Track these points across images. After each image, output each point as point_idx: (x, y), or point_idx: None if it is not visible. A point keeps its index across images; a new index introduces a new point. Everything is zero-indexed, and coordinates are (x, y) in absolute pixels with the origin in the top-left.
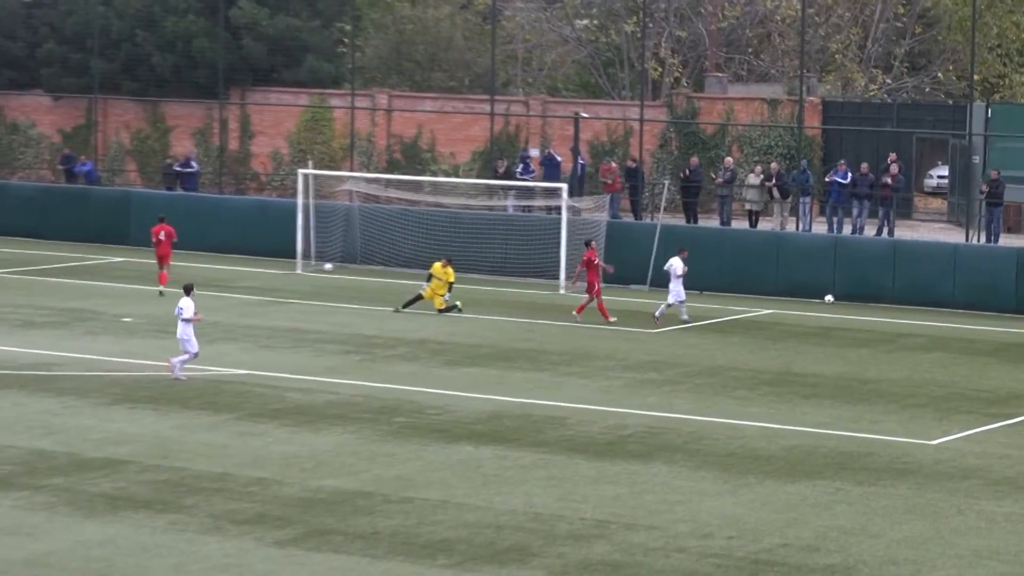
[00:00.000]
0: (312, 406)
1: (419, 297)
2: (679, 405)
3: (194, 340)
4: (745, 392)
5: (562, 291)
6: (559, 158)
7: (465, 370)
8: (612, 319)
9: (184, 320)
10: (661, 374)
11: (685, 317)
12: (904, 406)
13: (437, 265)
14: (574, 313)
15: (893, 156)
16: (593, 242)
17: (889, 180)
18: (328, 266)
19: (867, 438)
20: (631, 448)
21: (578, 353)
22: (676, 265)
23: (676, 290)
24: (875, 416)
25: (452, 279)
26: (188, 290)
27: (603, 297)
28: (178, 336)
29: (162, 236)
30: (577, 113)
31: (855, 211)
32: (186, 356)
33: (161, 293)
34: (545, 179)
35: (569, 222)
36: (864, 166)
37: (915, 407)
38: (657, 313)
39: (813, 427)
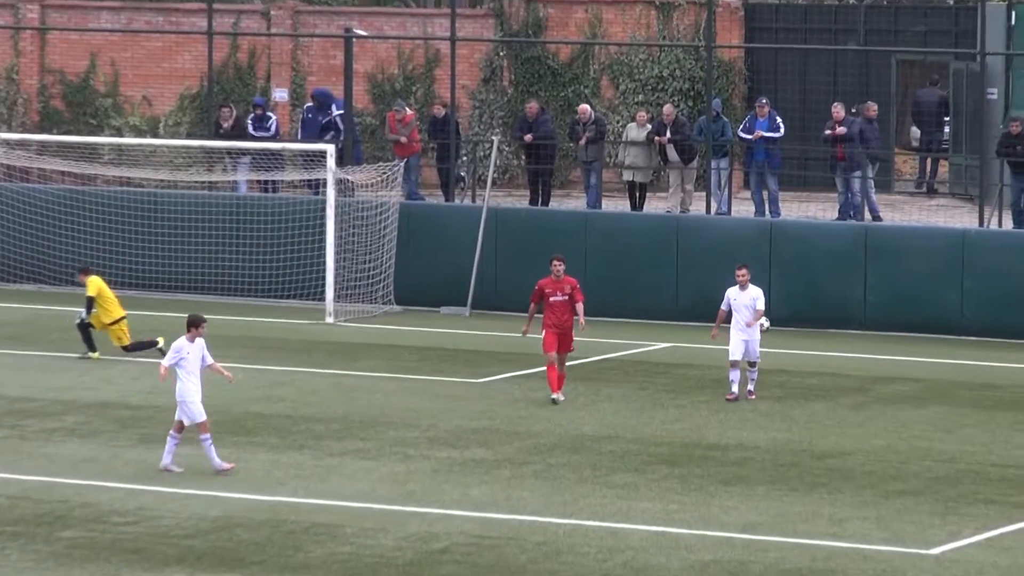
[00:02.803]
0: None
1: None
2: (523, 500)
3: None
4: (630, 476)
5: (330, 319)
6: (325, 110)
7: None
8: (558, 395)
9: (194, 372)
10: (492, 451)
11: (734, 390)
12: (885, 494)
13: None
14: (557, 395)
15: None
16: (558, 260)
17: (837, 129)
18: None
19: (827, 546)
20: (446, 571)
21: (359, 419)
22: (738, 298)
23: (749, 339)
24: (839, 511)
25: (92, 293)
26: (198, 325)
27: (394, 327)
28: (182, 398)
29: None
30: (349, 30)
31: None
32: (206, 436)
33: None
34: (299, 137)
35: (339, 206)
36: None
37: (903, 495)
38: (750, 387)
39: (740, 531)
